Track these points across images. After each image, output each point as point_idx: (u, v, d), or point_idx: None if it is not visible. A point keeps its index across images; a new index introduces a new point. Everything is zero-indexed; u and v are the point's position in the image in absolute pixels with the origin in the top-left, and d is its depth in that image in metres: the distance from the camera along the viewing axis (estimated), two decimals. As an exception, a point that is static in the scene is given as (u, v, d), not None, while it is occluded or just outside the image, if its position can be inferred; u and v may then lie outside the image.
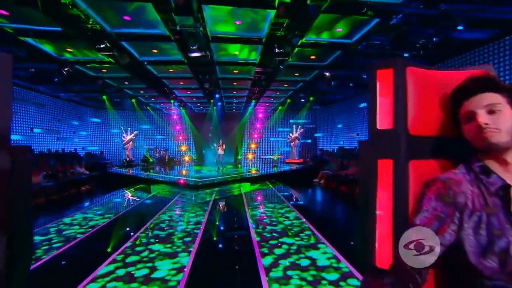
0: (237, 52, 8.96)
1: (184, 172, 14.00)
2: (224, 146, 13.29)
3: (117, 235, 5.16)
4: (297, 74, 11.47)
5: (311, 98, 15.74)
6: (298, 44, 8.15)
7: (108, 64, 9.90)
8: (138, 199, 8.17)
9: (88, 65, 10.09)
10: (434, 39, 7.70)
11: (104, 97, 15.17)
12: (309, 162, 18.16)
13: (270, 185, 10.65)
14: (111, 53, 8.27)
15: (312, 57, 9.41)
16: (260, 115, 21.65)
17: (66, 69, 9.57)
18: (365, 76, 11.38)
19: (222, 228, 5.52)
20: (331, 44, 8.41)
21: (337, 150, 17.18)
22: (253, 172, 12.47)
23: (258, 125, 21.78)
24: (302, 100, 16.79)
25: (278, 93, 15.24)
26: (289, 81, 12.67)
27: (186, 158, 21.04)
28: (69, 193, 10.32)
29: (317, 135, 21.17)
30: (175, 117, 20.93)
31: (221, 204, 7.44)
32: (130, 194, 9.24)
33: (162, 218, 5.95)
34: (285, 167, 16.28)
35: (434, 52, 8.45)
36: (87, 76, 11.29)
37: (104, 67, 10.35)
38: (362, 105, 15.09)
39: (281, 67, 10.06)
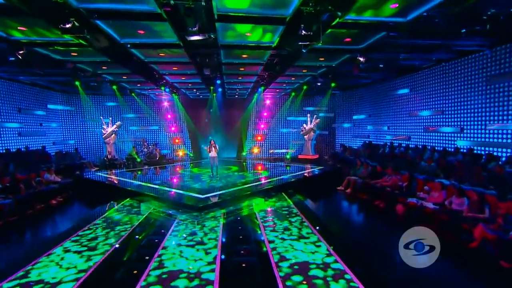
0: (249, 34, 7.66)
1: (179, 178, 12.85)
2: (217, 147, 11.96)
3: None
4: (322, 59, 10.34)
5: (332, 84, 14.46)
6: (333, 24, 6.83)
7: (79, 47, 8.59)
8: (125, 227, 7.06)
9: (52, 48, 8.78)
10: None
11: (77, 83, 13.85)
12: (328, 161, 17.06)
13: (288, 199, 9.58)
14: (81, 35, 6.94)
15: (347, 39, 8.17)
16: (268, 102, 20.33)
17: (21, 52, 8.24)
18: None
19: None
20: (375, 24, 7.15)
21: (362, 146, 16.04)
22: (264, 181, 11.32)
23: (265, 114, 20.51)
24: (321, 86, 15.49)
25: (293, 78, 14.14)
26: (309, 66, 11.50)
27: (180, 153, 19.92)
28: (34, 210, 9.19)
29: (336, 125, 19.94)
30: (165, 104, 19.66)
31: (234, 240, 6.36)
32: (112, 217, 8.13)
33: (158, 273, 4.84)
34: (298, 166, 15.21)
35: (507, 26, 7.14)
36: (52, 60, 10.04)
37: (73, 50, 9.05)
38: (402, 91, 13.76)
39: (304, 51, 8.78)
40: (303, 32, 7.00)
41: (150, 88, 16.05)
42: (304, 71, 12.45)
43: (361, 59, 9.42)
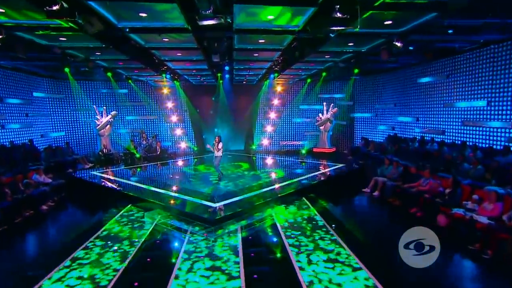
0: (271, 17, 6.89)
1: (184, 179, 12.20)
2: (221, 145, 11.13)
3: None
4: (351, 44, 9.58)
5: (356, 71, 13.66)
6: (376, 4, 6.04)
7: (70, 32, 7.86)
8: (128, 246, 6.49)
9: (38, 32, 8.08)
10: None
11: (67, 69, 13.14)
12: (348, 156, 16.41)
13: (311, 206, 8.97)
14: (71, 18, 6.20)
15: (387, 22, 7.37)
16: (279, 89, 19.53)
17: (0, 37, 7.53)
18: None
19: None
20: (426, 4, 6.35)
21: (386, 140, 15.33)
22: (282, 183, 10.62)
23: (276, 102, 19.75)
24: (342, 72, 14.72)
25: (312, 64, 13.44)
26: (333, 52, 10.80)
27: (183, 146, 19.29)
28: (23, 218, 8.61)
29: (355, 115, 19.19)
30: (165, 91, 18.93)
31: (258, 263, 5.78)
32: (112, 231, 7.55)
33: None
34: (315, 162, 14.61)
35: None
36: (38, 45, 9.39)
37: (62, 35, 8.35)
38: (436, 78, 12.92)
39: (332, 35, 8.03)
40: (338, 14, 6.24)
41: (149, 74, 15.34)
42: (326, 56, 11.79)
43: (398, 44, 8.63)
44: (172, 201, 8.73)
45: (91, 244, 6.55)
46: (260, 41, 9.17)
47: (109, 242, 6.64)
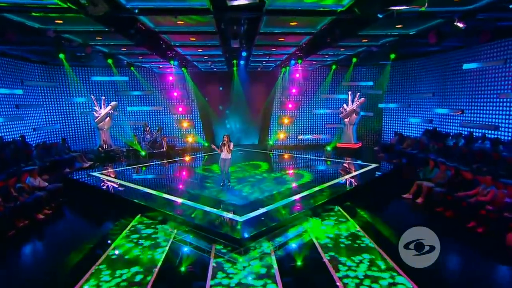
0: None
1: (198, 182, 11.46)
2: (231, 146, 10.21)
3: None
4: (399, 26, 8.81)
5: (392, 56, 12.81)
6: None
7: (67, 13, 7.14)
8: (143, 274, 5.81)
9: (31, 14, 7.47)
10: None
11: (61, 55, 12.46)
12: (378, 153, 15.64)
13: (349, 218, 8.26)
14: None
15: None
16: (298, 75, 18.68)
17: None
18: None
19: None
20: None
21: (424, 135, 14.50)
22: (312, 189, 9.85)
23: (294, 90, 18.94)
24: (374, 57, 13.93)
25: (342, 49, 12.74)
26: (374, 35, 10.10)
27: (190, 140, 18.66)
28: (17, 229, 7.99)
29: (383, 106, 18.33)
30: (171, 78, 18.18)
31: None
32: (121, 250, 6.89)
33: None
34: (342, 161, 13.91)
35: None
36: (29, 28, 8.81)
37: (57, 18, 7.85)
38: (488, 63, 11.99)
39: (380, 16, 7.19)
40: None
41: (154, 60, 14.68)
42: (364, 40, 11.04)
43: (460, 24, 7.78)
44: (188, 212, 8.04)
45: (95, 270, 5.88)
46: (291, 23, 8.53)
47: (122, 274, 5.93)
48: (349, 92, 17.19)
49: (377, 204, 9.72)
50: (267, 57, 13.93)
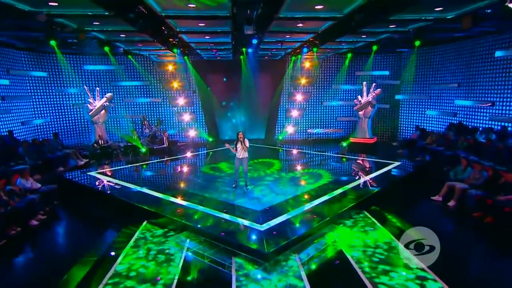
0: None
1: (207, 183, 10.89)
2: (247, 144, 9.60)
3: None
4: (439, 8, 8.43)
5: (417, 43, 12.30)
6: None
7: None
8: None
9: None
10: None
11: (53, 42, 11.87)
12: (397, 149, 15.21)
13: (378, 224, 7.78)
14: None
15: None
16: (308, 65, 18.15)
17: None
18: None
19: None
20: None
21: (449, 129, 14.05)
22: (335, 191, 9.33)
23: (303, 81, 18.44)
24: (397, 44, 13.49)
25: (364, 36, 12.33)
26: (403, 20, 9.64)
27: (191, 134, 18.16)
28: (9, 238, 7.48)
29: (400, 97, 17.84)
30: (170, 67, 17.63)
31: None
32: (128, 264, 6.39)
33: None
34: (358, 159, 13.49)
35: None
36: (18, 11, 8.29)
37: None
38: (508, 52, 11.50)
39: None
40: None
41: (154, 48, 14.21)
42: (391, 26, 10.64)
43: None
44: (201, 219, 7.53)
45: (107, 292, 5.38)
46: (317, 7, 8.04)
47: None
48: (364, 83, 16.68)
49: (406, 208, 9.24)
50: (280, 44, 13.44)
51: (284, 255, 6.30)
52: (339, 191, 9.28)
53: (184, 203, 8.54)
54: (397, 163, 12.25)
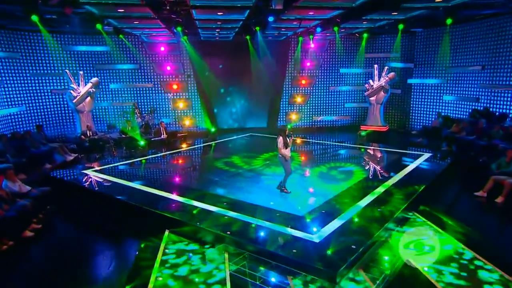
0: None
1: (223, 180, 9.84)
2: (293, 137, 8.46)
3: None
4: None
5: (448, 21, 11.71)
6: None
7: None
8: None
9: None
10: None
11: (35, 18, 10.79)
12: (417, 137, 14.69)
13: (436, 227, 7.06)
14: None
15: None
16: (313, 46, 17.32)
17: None
18: None
19: None
20: None
21: (472, 115, 13.58)
22: (378, 188, 8.53)
23: (308, 64, 17.75)
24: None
25: (394, 13, 11.68)
26: None
27: (187, 123, 17.41)
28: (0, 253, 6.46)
29: (413, 81, 17.28)
30: (162, 49, 16.42)
31: None
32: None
33: None
34: (380, 149, 12.94)
35: None
36: None
37: None
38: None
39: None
40: None
41: (149, 27, 13.19)
42: (438, 0, 10.07)
43: None
44: (241, 229, 6.55)
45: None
46: None
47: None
48: (375, 66, 16.18)
49: (451, 206, 8.64)
50: (298, 23, 12.58)
51: (353, 272, 5.45)
52: (381, 189, 8.52)
53: (213, 208, 7.48)
54: (427, 155, 11.65)
